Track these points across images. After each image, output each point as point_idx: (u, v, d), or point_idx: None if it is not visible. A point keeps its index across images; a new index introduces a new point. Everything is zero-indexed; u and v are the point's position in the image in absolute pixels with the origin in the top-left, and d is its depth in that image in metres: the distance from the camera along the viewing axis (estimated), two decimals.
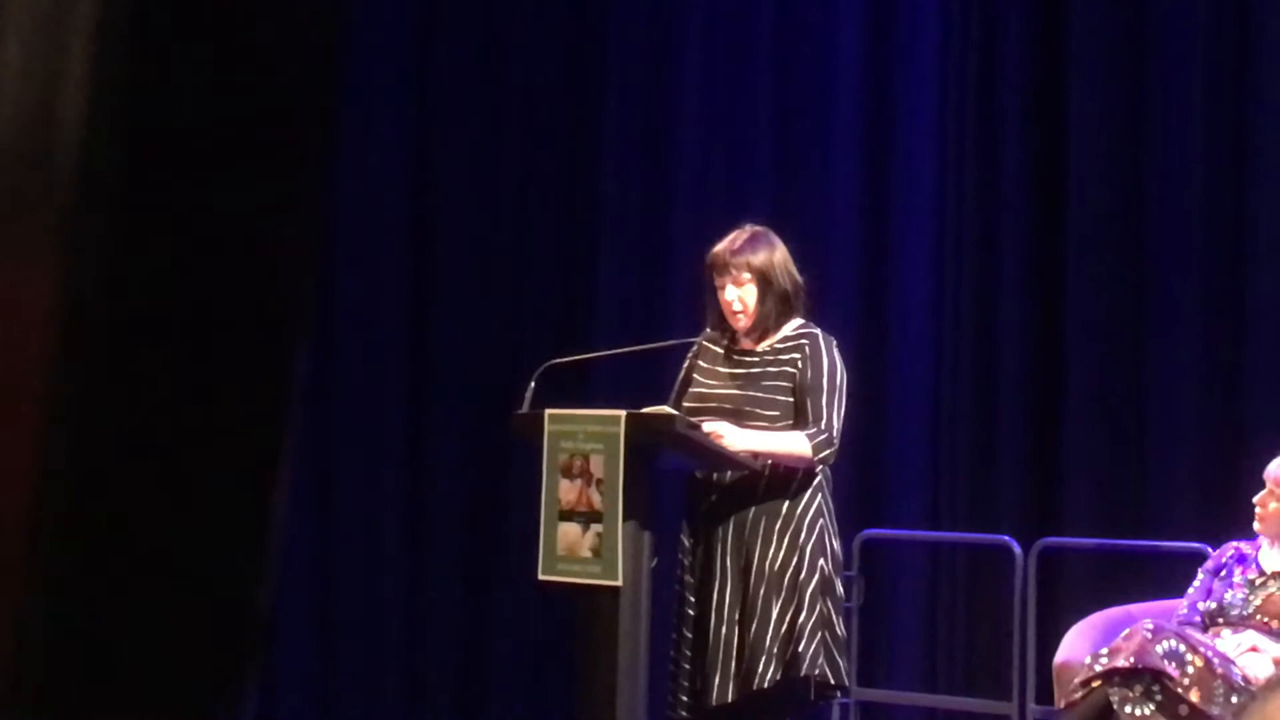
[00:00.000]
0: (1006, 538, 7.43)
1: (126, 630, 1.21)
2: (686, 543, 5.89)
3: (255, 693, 1.25)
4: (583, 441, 5.66)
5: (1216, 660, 5.91)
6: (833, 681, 5.73)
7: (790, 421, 5.77)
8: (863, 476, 7.92)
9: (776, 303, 5.84)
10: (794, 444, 5.72)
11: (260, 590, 1.24)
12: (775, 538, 5.72)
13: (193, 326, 1.22)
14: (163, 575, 1.23)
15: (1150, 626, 5.94)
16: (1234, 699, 5.82)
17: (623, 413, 5.62)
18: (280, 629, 8.34)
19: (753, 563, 5.72)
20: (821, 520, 5.76)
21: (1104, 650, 5.97)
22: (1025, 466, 7.86)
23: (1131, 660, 5.85)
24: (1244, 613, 6.18)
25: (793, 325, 5.87)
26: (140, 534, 1.22)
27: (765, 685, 5.65)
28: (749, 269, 5.83)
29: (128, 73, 1.19)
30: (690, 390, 5.92)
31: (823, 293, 6.42)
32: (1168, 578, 6.79)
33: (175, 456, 1.22)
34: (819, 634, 5.68)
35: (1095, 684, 5.92)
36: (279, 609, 8.28)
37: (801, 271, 5.94)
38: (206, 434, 1.24)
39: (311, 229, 1.27)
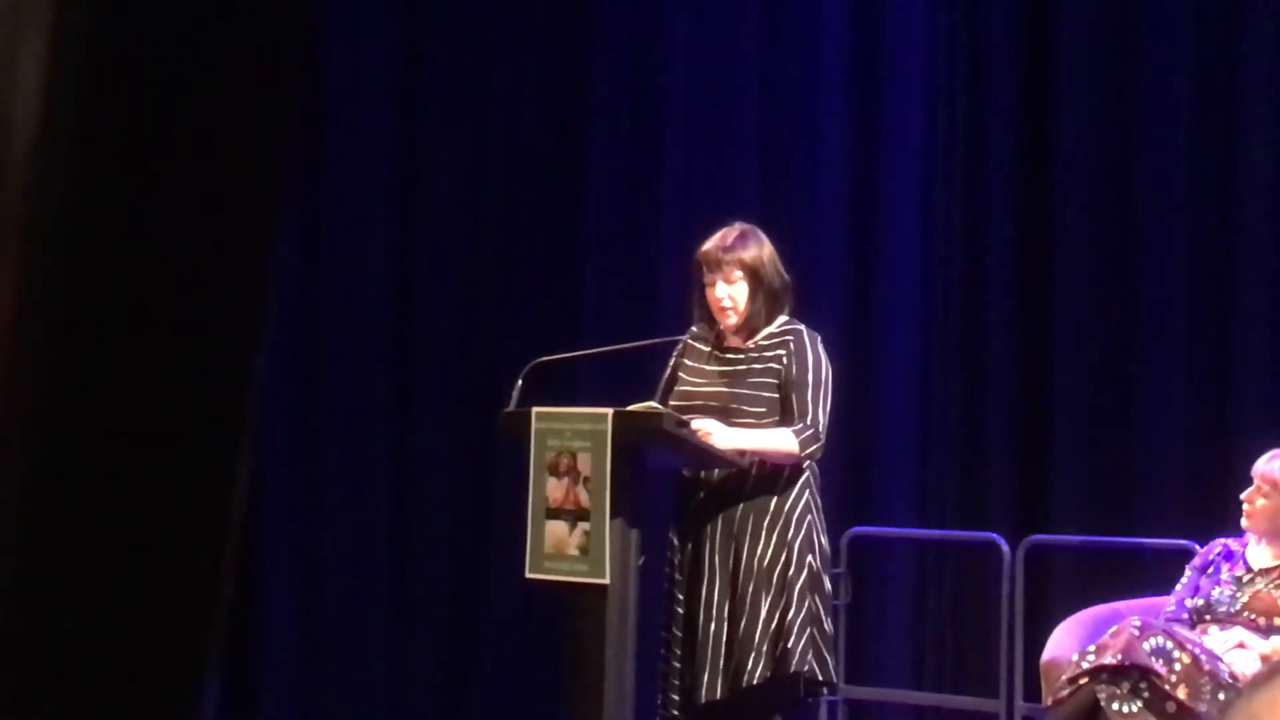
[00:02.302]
0: (994, 535, 7.43)
1: (86, 630, 1.20)
2: (675, 540, 5.88)
3: (216, 690, 1.24)
4: (570, 439, 5.66)
5: (1204, 657, 5.91)
6: (821, 678, 5.73)
7: (777, 418, 5.77)
8: (850, 474, 7.91)
9: (766, 300, 5.84)
10: (781, 441, 5.71)
11: (221, 587, 1.24)
12: (764, 534, 5.72)
13: (153, 327, 1.21)
14: (122, 572, 1.22)
15: (1138, 624, 5.95)
16: (1221, 696, 5.82)
17: (610, 411, 5.62)
18: (264, 627, 8.33)
19: (741, 559, 5.72)
20: (810, 516, 5.76)
21: (1091, 647, 5.97)
22: (1013, 464, 7.86)
23: (1119, 657, 5.85)
24: (1231, 609, 6.18)
25: (778, 322, 5.87)
26: (100, 533, 1.21)
27: (755, 682, 5.65)
28: (740, 266, 5.82)
29: (87, 69, 1.19)
30: (676, 388, 5.92)
31: (810, 290, 6.42)
32: (1155, 575, 6.79)
33: (135, 455, 1.22)
34: (807, 630, 5.68)
35: (1083, 681, 5.92)
36: (262, 608, 8.28)
37: (788, 269, 5.94)
38: (165, 433, 1.23)
39: (273, 225, 1.26)
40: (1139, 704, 5.85)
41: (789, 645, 5.64)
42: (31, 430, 1.19)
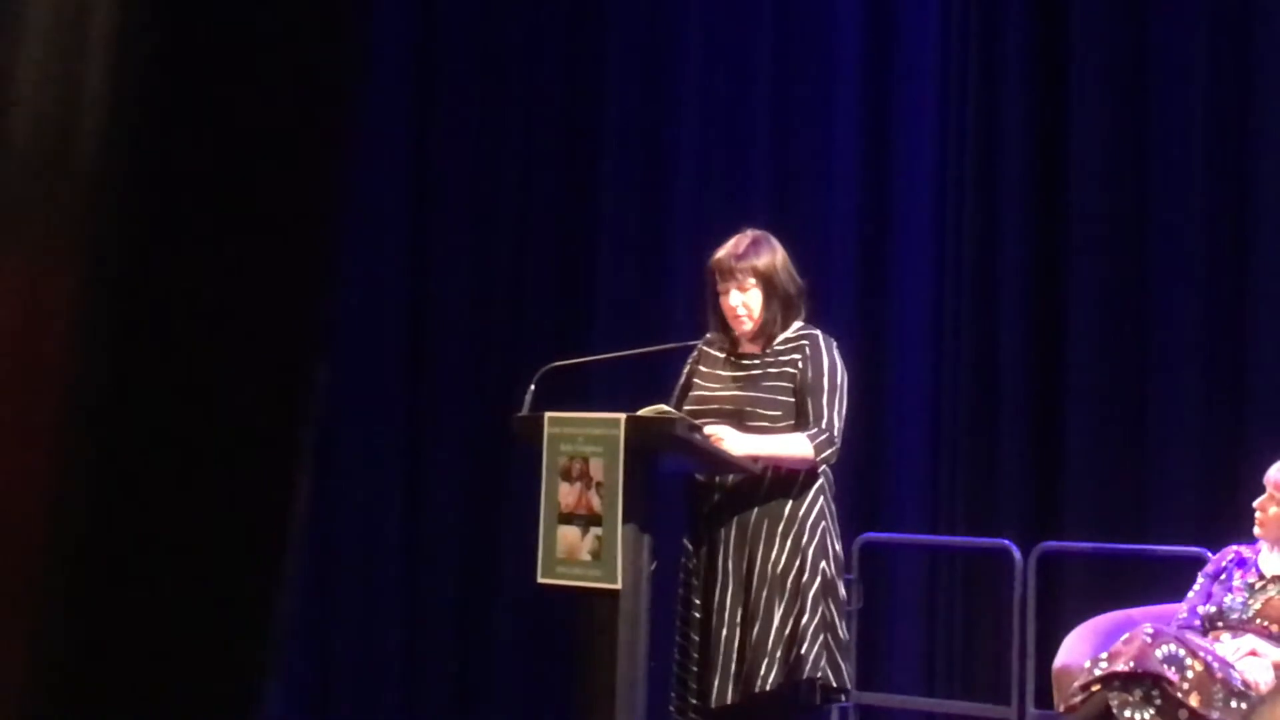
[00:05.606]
0: (1006, 541, 7.43)
1: (144, 639, 1.21)
2: (689, 546, 5.88)
3: (276, 690, 1.25)
4: (582, 444, 5.65)
5: (1216, 664, 5.90)
6: (835, 685, 5.72)
7: (792, 422, 5.76)
8: (862, 480, 7.91)
9: (780, 306, 5.84)
10: (795, 446, 5.71)
11: (277, 599, 1.25)
12: (777, 540, 5.72)
13: (211, 331, 1.22)
14: (181, 582, 1.23)
15: (1150, 630, 5.94)
16: (1233, 703, 5.81)
17: (622, 416, 5.62)
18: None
19: (755, 565, 5.72)
20: (824, 523, 5.76)
21: (1103, 654, 5.96)
22: (1025, 470, 7.85)
23: (1131, 664, 5.85)
24: (1243, 616, 6.18)
25: (793, 327, 5.87)
26: (159, 541, 1.22)
27: (767, 688, 5.64)
28: (754, 274, 5.82)
29: (146, 79, 1.20)
30: (691, 394, 5.92)
31: (823, 296, 6.42)
32: (1167, 582, 6.79)
33: (193, 461, 1.22)
34: (821, 636, 5.67)
35: (1095, 688, 5.91)
36: None
37: (801, 274, 5.94)
38: (225, 438, 1.24)
39: (330, 233, 1.27)
40: (1151, 711, 5.84)
41: (802, 651, 5.64)
42: (92, 433, 1.20)
